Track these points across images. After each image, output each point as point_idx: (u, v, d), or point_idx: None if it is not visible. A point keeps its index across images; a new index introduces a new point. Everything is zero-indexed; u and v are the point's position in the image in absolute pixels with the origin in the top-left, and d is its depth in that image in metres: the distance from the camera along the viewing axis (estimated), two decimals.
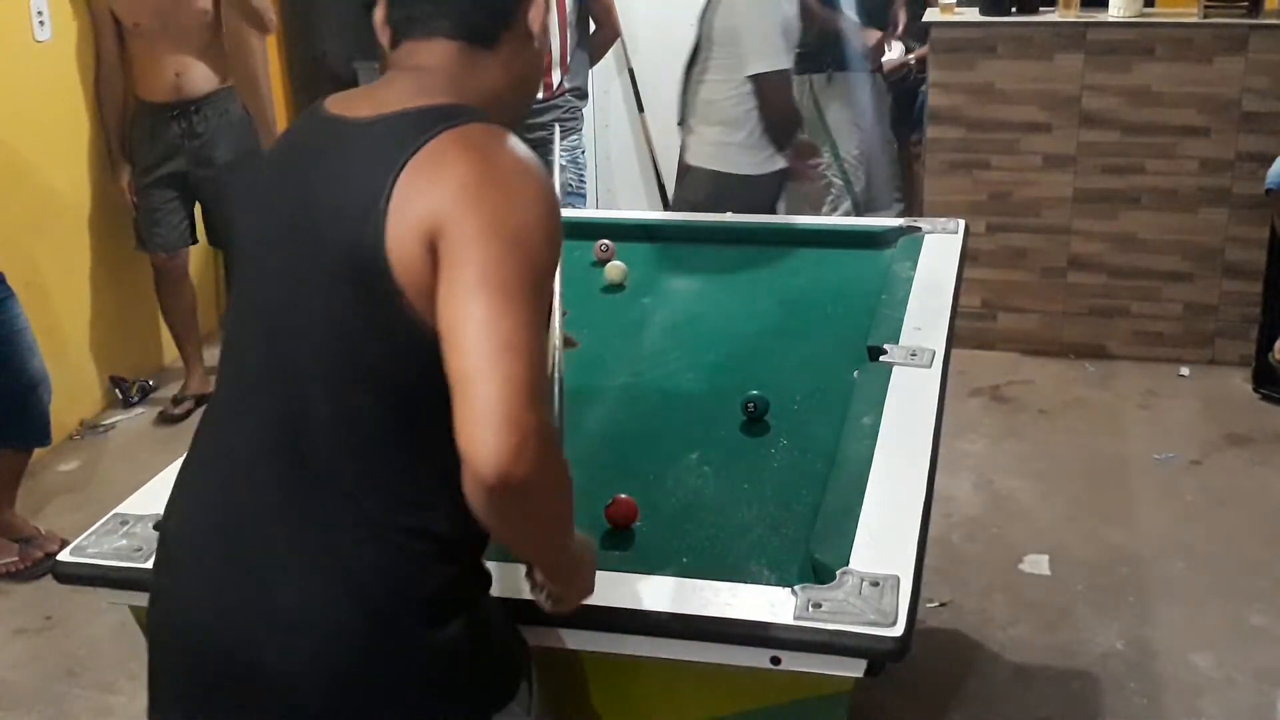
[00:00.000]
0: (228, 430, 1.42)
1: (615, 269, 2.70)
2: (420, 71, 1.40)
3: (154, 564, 1.49)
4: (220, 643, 1.36)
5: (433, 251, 1.25)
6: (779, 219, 3.49)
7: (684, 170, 3.71)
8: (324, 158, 1.37)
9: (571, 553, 1.40)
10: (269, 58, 4.67)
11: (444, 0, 1.40)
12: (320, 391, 1.33)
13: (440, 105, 1.35)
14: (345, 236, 1.29)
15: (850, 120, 4.77)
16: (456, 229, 1.24)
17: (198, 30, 4.11)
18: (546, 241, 1.28)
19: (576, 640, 1.52)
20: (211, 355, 4.21)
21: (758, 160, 3.57)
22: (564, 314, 1.80)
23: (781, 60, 3.48)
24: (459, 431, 1.20)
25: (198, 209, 4.30)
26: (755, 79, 3.48)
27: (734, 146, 3.57)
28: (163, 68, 4.07)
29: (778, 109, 3.52)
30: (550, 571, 1.43)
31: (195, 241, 4.34)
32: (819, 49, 4.63)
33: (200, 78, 4.10)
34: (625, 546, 1.71)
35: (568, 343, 1.80)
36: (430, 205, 1.26)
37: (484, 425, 1.18)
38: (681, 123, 3.70)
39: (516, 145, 1.33)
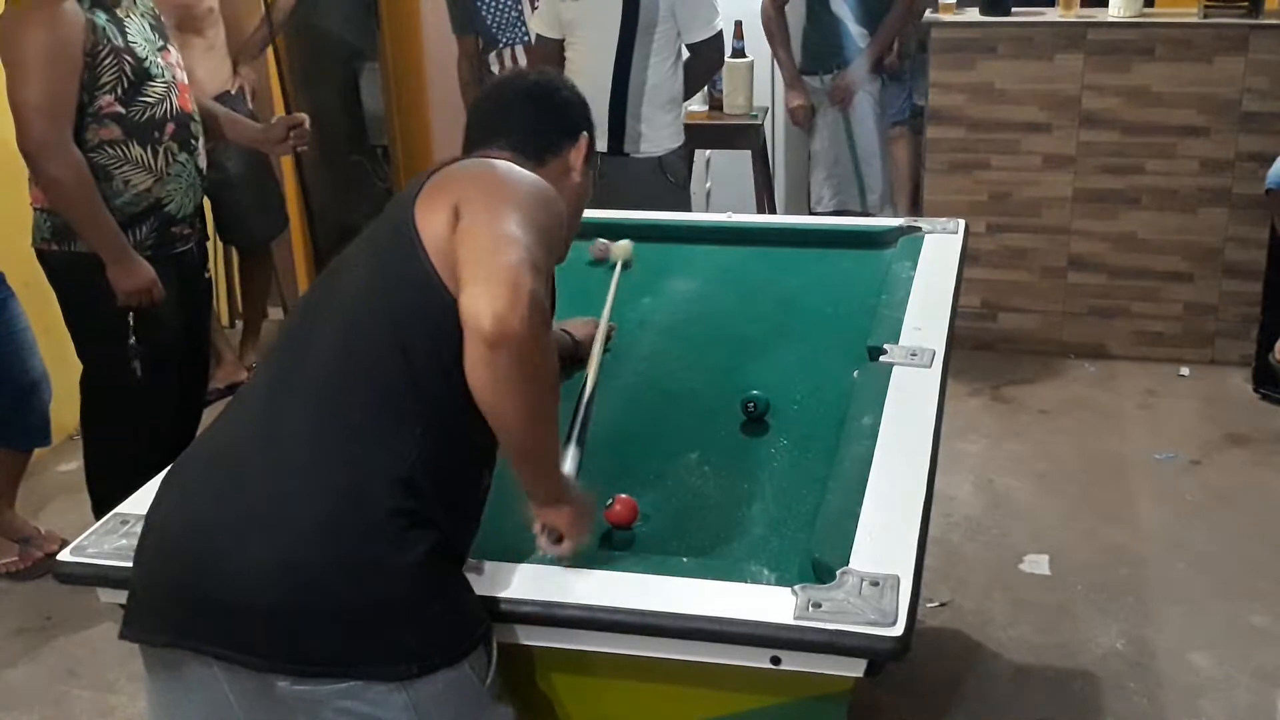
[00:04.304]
0: (257, 382, 1.64)
1: (621, 248, 2.69)
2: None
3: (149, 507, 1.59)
4: (194, 545, 1.47)
5: (453, 219, 1.51)
6: (779, 219, 3.49)
7: (626, 167, 3.73)
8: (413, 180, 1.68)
9: (558, 467, 1.58)
10: (268, 57, 4.66)
11: (508, 123, 1.79)
12: (339, 330, 1.55)
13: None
14: (395, 217, 1.60)
15: (865, 116, 4.74)
16: (473, 193, 1.55)
17: (205, 30, 4.11)
18: (553, 208, 1.59)
19: (578, 640, 1.52)
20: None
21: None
22: (612, 327, 2.16)
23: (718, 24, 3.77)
24: (465, 301, 1.41)
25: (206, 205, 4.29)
26: (703, 44, 3.73)
27: (679, 120, 3.83)
28: None
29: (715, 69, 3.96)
30: (539, 480, 1.55)
31: (207, 238, 4.34)
32: (824, 49, 4.62)
33: (208, 79, 4.09)
34: (625, 546, 1.71)
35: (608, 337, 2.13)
36: (458, 188, 1.57)
37: (488, 285, 1.40)
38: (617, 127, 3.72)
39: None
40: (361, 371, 1.52)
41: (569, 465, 1.69)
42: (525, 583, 1.54)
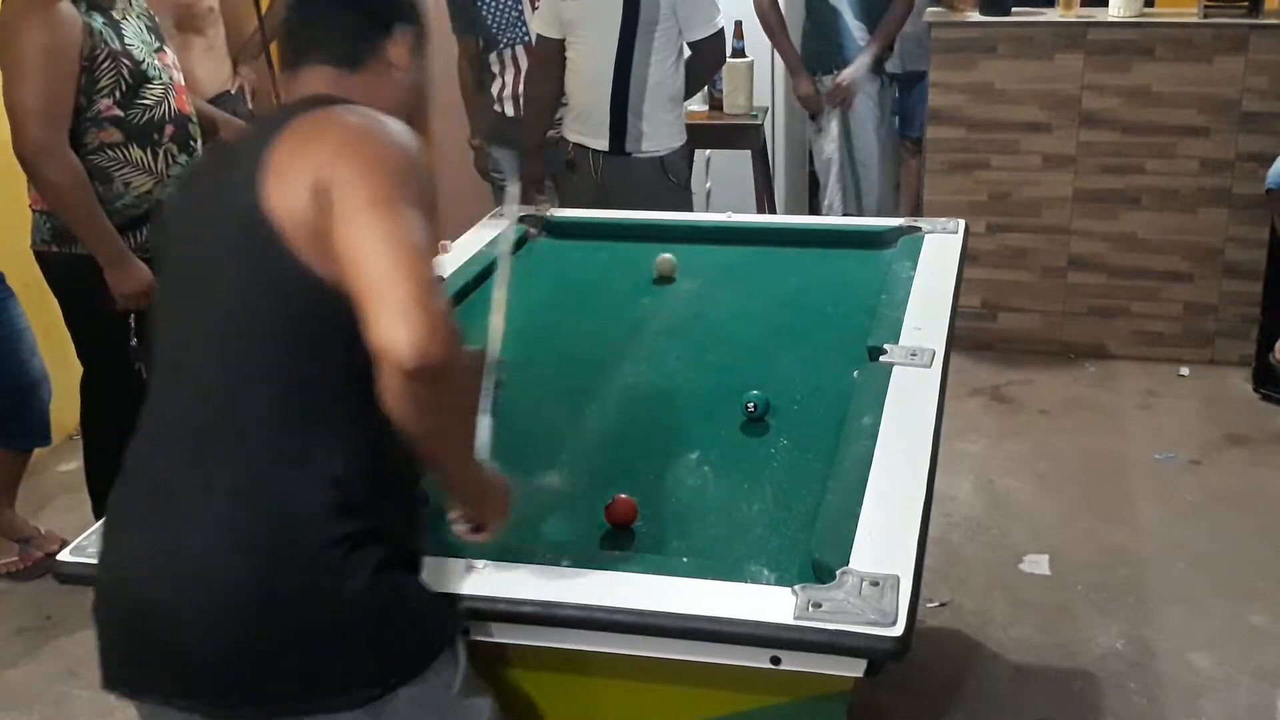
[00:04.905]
0: (152, 405, 1.56)
1: (665, 262, 2.71)
2: (300, 90, 1.62)
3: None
4: (141, 598, 1.46)
5: (320, 203, 1.40)
6: (779, 219, 3.49)
7: (628, 167, 3.73)
8: (228, 155, 1.58)
9: (478, 467, 1.55)
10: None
11: (316, 32, 1.63)
12: (220, 352, 1.47)
13: (309, 97, 1.57)
14: (237, 204, 1.45)
15: (868, 121, 4.72)
16: (343, 172, 1.41)
17: (205, 30, 4.11)
18: (419, 173, 1.47)
19: (577, 640, 1.52)
20: None
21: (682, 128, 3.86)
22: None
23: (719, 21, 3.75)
24: (374, 331, 1.33)
25: None
26: (704, 41, 3.71)
27: (681, 119, 3.81)
28: None
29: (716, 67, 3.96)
30: (463, 481, 1.53)
31: None
32: (824, 47, 4.61)
33: (207, 79, 4.09)
34: (625, 546, 1.72)
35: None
36: (314, 162, 1.43)
37: (400, 315, 1.32)
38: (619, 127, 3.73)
39: (375, 112, 1.52)
40: (255, 400, 1.45)
41: (482, 435, 1.63)
42: (525, 583, 1.54)
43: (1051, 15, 4.40)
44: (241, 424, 1.45)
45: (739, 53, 4.74)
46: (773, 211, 4.98)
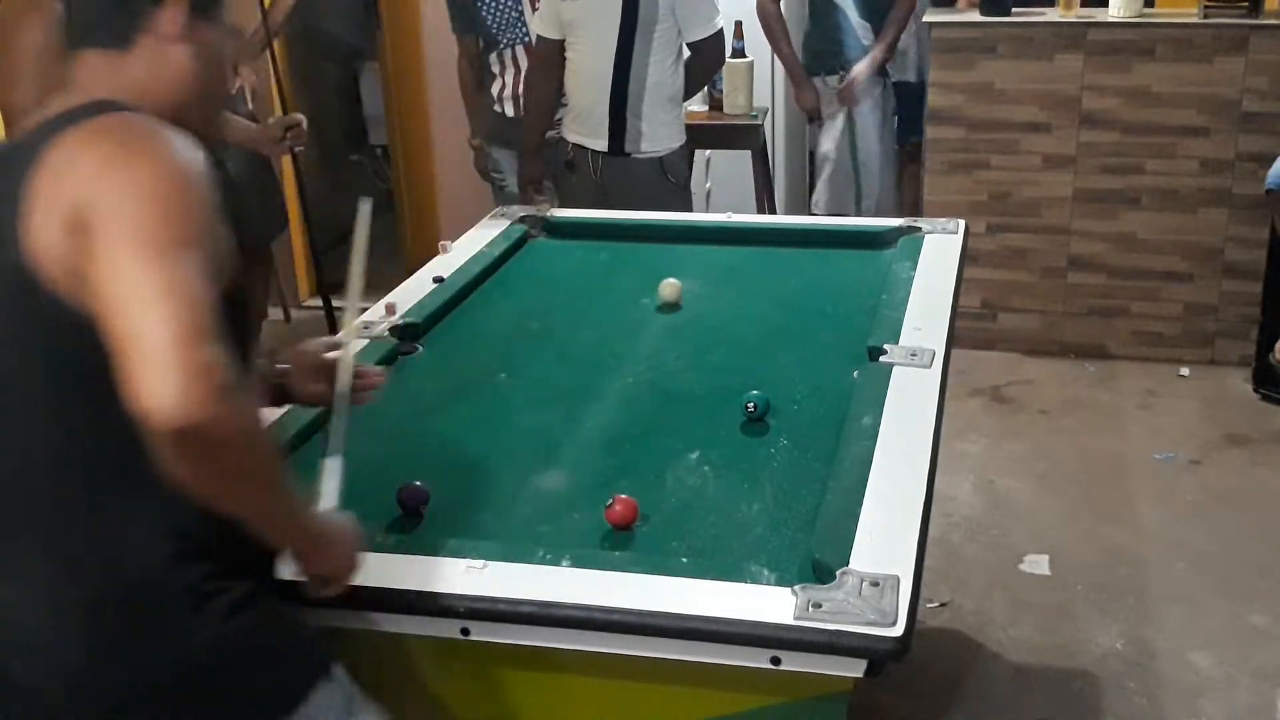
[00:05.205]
0: None
1: (670, 287, 2.57)
2: (72, 84, 1.43)
3: None
4: None
5: (78, 241, 1.25)
6: (779, 219, 3.49)
7: (628, 167, 3.73)
8: None
9: (302, 522, 1.40)
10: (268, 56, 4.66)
11: (81, 11, 1.44)
12: (5, 420, 1.35)
13: (75, 106, 1.37)
14: None
15: (869, 122, 4.73)
16: (101, 204, 1.25)
17: None
18: (187, 195, 1.29)
19: (577, 640, 1.52)
20: None
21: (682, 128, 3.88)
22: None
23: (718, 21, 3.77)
24: (129, 388, 1.19)
25: None
26: (703, 42, 3.72)
27: (680, 119, 3.83)
28: None
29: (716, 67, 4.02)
30: (282, 543, 1.41)
31: None
32: (827, 48, 4.61)
33: None
34: (625, 546, 1.71)
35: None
36: (71, 193, 1.27)
37: (150, 371, 1.18)
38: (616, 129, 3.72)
39: (148, 123, 1.35)
40: (58, 456, 1.33)
41: (330, 481, 1.54)
42: (525, 583, 1.54)
43: (1051, 15, 4.40)
44: (50, 483, 1.34)
45: (739, 53, 4.74)
46: (773, 211, 4.97)
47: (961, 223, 2.85)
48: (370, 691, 1.53)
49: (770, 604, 1.47)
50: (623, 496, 1.75)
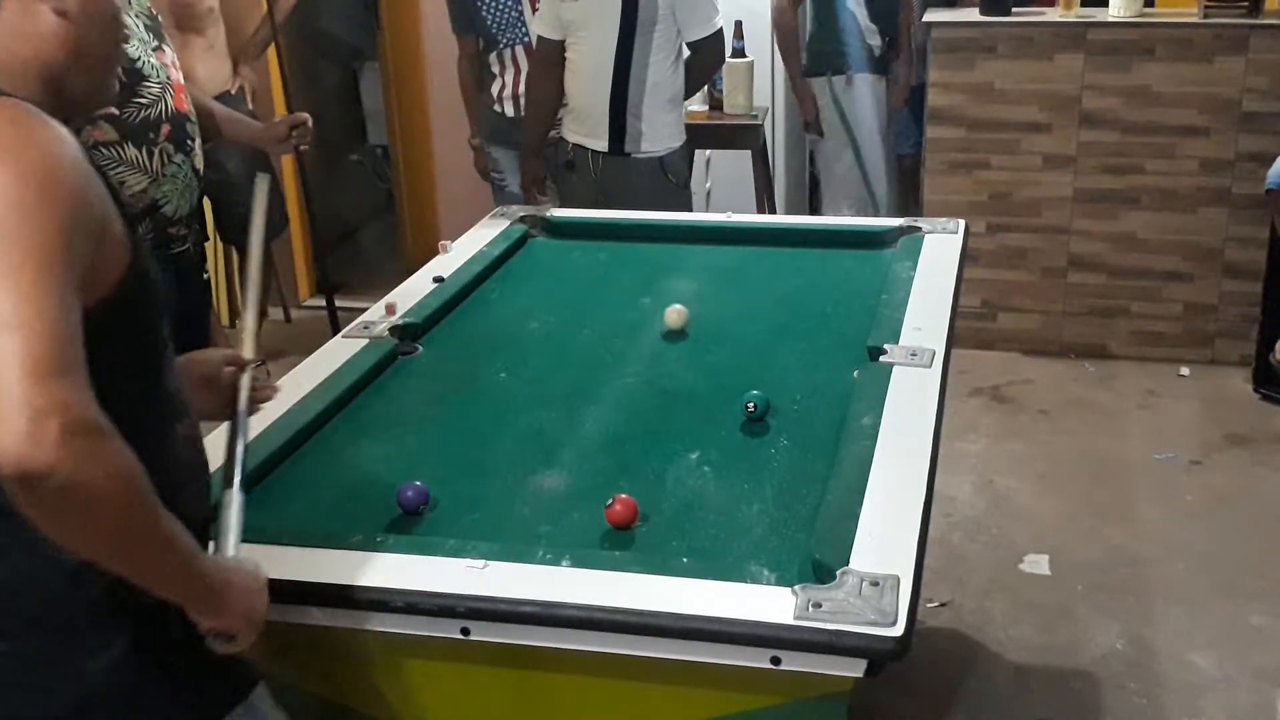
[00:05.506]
0: None
1: (675, 313, 2.45)
2: None
3: None
4: None
5: None
6: (779, 219, 3.49)
7: (628, 167, 3.73)
8: None
9: (193, 573, 1.25)
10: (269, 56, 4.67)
11: None
12: None
13: None
14: None
15: (872, 122, 4.74)
16: None
17: (205, 30, 4.10)
18: (45, 202, 1.15)
19: (577, 640, 1.52)
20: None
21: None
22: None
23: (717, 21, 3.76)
24: None
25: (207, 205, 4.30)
26: (703, 41, 3.70)
27: (680, 119, 3.82)
28: None
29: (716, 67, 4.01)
30: (172, 597, 1.26)
31: (207, 239, 4.35)
32: (831, 48, 4.62)
33: (208, 79, 4.08)
34: (625, 546, 1.71)
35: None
36: None
37: None
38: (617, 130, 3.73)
39: (12, 114, 1.22)
40: None
41: (229, 519, 1.40)
42: (525, 583, 1.54)
43: (1051, 15, 4.41)
44: None
45: (739, 53, 4.74)
46: (773, 211, 4.97)
47: (961, 222, 2.85)
48: (370, 693, 1.53)
49: (770, 604, 1.47)
50: (623, 496, 1.75)
